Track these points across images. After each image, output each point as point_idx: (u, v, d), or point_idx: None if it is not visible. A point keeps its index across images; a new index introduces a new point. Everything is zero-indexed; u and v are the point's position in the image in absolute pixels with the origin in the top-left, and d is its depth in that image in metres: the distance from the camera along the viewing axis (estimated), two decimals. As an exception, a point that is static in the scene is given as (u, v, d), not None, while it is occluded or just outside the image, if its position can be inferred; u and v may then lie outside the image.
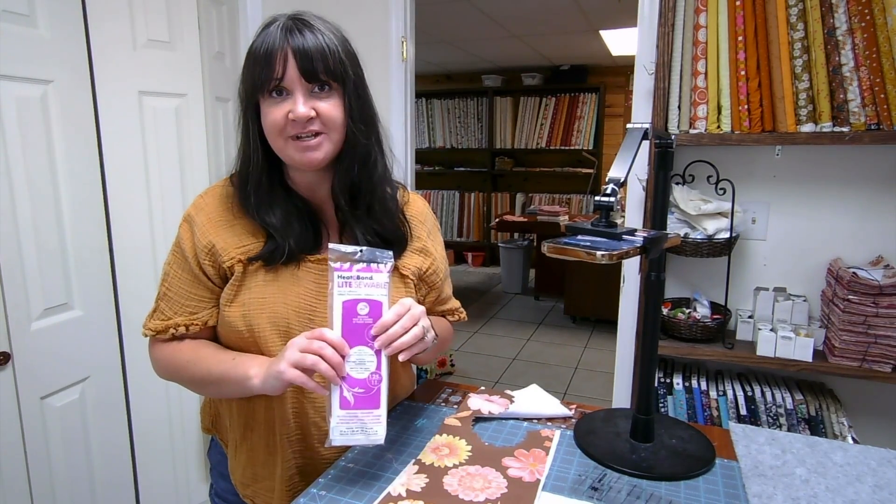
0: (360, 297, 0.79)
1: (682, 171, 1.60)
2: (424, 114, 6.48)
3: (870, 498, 0.80)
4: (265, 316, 0.87)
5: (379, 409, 0.79)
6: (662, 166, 0.91)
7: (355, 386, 0.78)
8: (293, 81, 0.82)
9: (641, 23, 1.69)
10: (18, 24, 1.32)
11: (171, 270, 0.92)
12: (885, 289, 1.39)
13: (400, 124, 2.09)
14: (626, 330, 1.82)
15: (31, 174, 1.37)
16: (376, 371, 0.79)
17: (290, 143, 0.84)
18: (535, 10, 3.82)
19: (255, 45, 0.83)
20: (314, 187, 0.93)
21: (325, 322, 0.90)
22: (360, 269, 0.80)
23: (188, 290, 0.91)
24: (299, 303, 0.89)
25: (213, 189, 0.95)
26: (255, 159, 0.88)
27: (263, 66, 0.81)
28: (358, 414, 0.78)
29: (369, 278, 0.80)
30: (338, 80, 0.84)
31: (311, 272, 0.90)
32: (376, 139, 0.92)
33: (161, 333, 0.91)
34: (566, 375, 3.66)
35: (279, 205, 0.90)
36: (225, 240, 0.89)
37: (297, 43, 0.81)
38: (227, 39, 1.89)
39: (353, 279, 0.79)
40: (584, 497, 0.80)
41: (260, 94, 0.84)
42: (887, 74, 1.37)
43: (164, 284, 0.92)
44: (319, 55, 0.82)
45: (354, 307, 0.79)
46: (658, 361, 1.65)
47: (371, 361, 0.79)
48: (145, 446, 1.72)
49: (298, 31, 0.82)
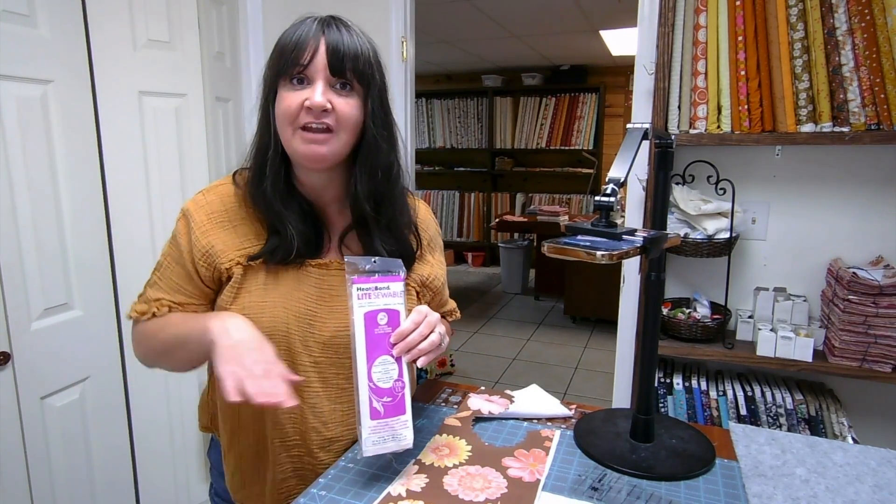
0: (379, 307, 0.81)
1: (682, 171, 1.60)
2: (424, 114, 6.48)
3: (870, 498, 0.80)
4: (265, 320, 0.86)
5: (405, 414, 0.81)
6: (662, 166, 0.91)
7: (383, 396, 0.79)
8: (317, 71, 0.81)
9: (641, 23, 1.69)
10: (18, 24, 1.32)
11: (164, 262, 0.91)
12: (885, 289, 1.39)
13: (400, 124, 2.08)
14: (626, 330, 1.82)
15: (31, 174, 1.37)
16: (399, 378, 0.81)
17: (298, 134, 0.82)
18: (535, 10, 3.82)
19: (287, 33, 0.83)
20: (319, 190, 0.91)
21: (324, 327, 0.90)
22: (377, 279, 0.81)
23: (179, 283, 0.90)
24: (299, 307, 0.88)
25: (216, 187, 0.92)
26: (274, 147, 0.86)
27: (292, 51, 0.81)
28: (389, 422, 0.80)
29: (386, 288, 0.82)
30: (362, 82, 0.84)
31: (312, 276, 0.90)
32: (396, 153, 0.92)
33: (144, 315, 0.90)
34: (566, 375, 3.66)
35: (291, 202, 0.88)
36: (225, 241, 0.87)
37: (332, 37, 0.81)
38: (227, 39, 1.89)
39: (371, 290, 0.81)
40: (584, 497, 0.80)
41: (281, 78, 0.83)
42: (887, 74, 1.37)
43: (155, 273, 0.92)
44: (351, 53, 0.82)
45: (375, 318, 0.80)
46: (658, 361, 1.65)
47: (394, 369, 0.81)
48: (145, 446, 1.72)
49: (336, 27, 0.83)
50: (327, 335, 0.89)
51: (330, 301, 0.90)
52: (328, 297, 0.90)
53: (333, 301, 0.90)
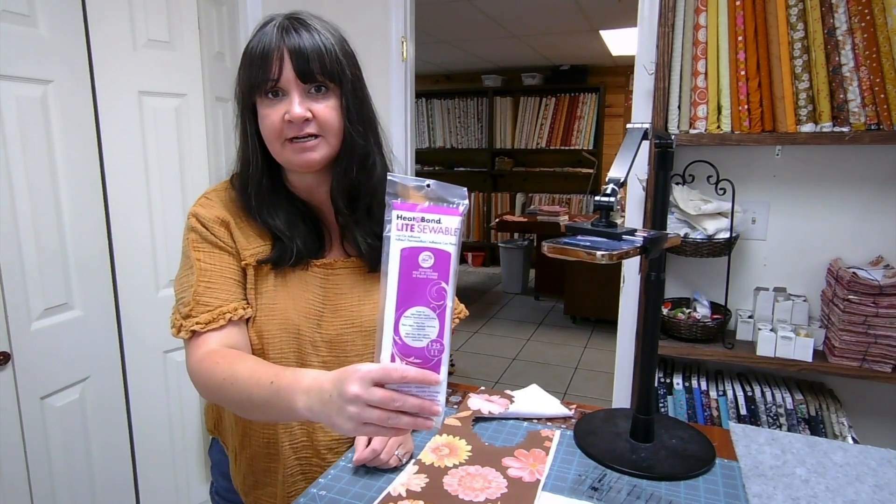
0: (425, 244, 0.63)
1: (682, 171, 1.60)
2: (424, 114, 6.47)
3: (870, 498, 0.80)
4: (276, 322, 0.87)
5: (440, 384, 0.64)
6: (662, 166, 0.91)
7: (410, 355, 0.62)
8: (289, 82, 0.80)
9: (641, 23, 1.69)
10: (18, 23, 1.32)
11: (203, 265, 0.84)
12: (885, 289, 1.39)
13: (400, 124, 2.09)
14: (626, 330, 1.81)
15: (31, 174, 1.37)
16: (438, 339, 0.63)
17: (288, 146, 0.83)
18: (535, 10, 3.82)
19: (251, 45, 0.82)
20: (313, 190, 0.91)
21: (330, 326, 0.90)
22: (427, 209, 0.64)
23: (227, 273, 0.85)
24: (308, 308, 0.88)
25: (216, 192, 0.92)
26: (254, 161, 0.87)
27: (259, 66, 0.80)
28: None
29: (437, 221, 0.63)
30: (335, 80, 0.83)
31: (318, 276, 0.90)
32: (375, 140, 0.91)
33: (212, 323, 0.81)
34: (566, 375, 3.66)
35: (282, 207, 0.88)
36: (238, 240, 0.88)
37: (293, 43, 0.80)
38: (227, 39, 1.89)
39: (415, 221, 0.63)
40: (584, 497, 0.80)
41: (256, 94, 0.83)
42: (887, 74, 1.37)
43: (201, 281, 0.83)
44: (316, 55, 0.80)
45: (416, 257, 0.63)
46: (658, 361, 1.65)
47: (432, 326, 0.62)
48: (145, 446, 1.72)
49: (295, 30, 0.81)
50: (333, 334, 0.89)
51: (335, 300, 0.90)
52: (333, 295, 0.90)
53: (338, 300, 0.90)
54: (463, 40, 4.80)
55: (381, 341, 0.63)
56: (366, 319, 0.91)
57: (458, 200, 0.65)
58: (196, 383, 0.82)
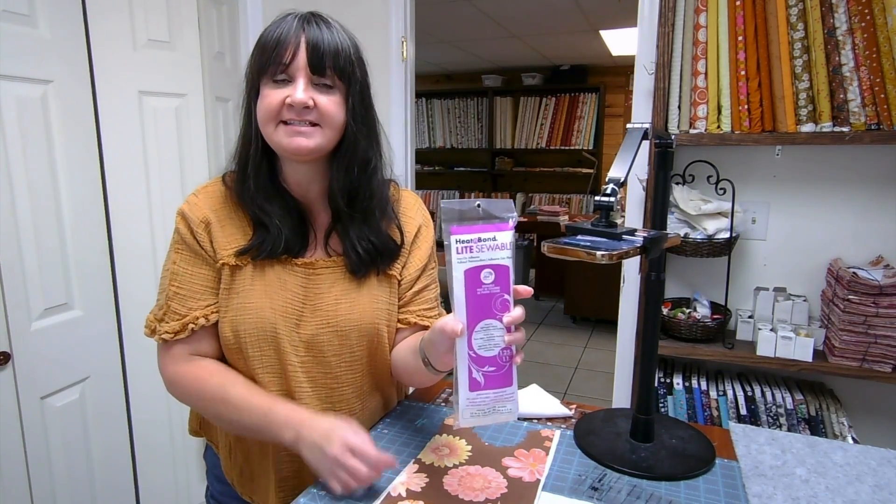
0: (484, 262, 0.69)
1: (682, 171, 1.60)
2: (424, 114, 6.47)
3: (870, 498, 0.80)
4: (251, 321, 0.86)
5: (511, 385, 0.72)
6: (662, 166, 0.91)
7: (485, 365, 0.71)
8: (298, 69, 0.81)
9: (641, 23, 1.69)
10: (18, 23, 1.32)
11: (177, 268, 0.88)
12: (885, 289, 1.39)
13: (400, 124, 2.09)
14: (626, 330, 1.81)
15: (31, 174, 1.37)
16: (507, 346, 0.71)
17: (281, 128, 0.82)
18: (535, 10, 3.82)
19: (268, 31, 0.83)
20: (305, 186, 0.91)
21: (307, 326, 0.89)
22: (480, 228, 0.70)
23: (205, 284, 0.88)
24: (286, 307, 0.88)
25: (205, 188, 0.93)
26: (255, 143, 0.87)
27: (273, 49, 0.81)
28: (490, 394, 0.71)
29: (492, 239, 0.70)
30: (344, 79, 0.83)
31: (298, 276, 0.89)
32: (377, 147, 0.91)
33: (180, 333, 0.87)
34: (566, 375, 3.66)
35: (275, 198, 0.88)
36: (216, 240, 0.88)
37: (312, 34, 0.81)
38: (227, 39, 1.89)
39: (473, 243, 0.69)
40: (584, 497, 0.80)
41: (263, 76, 0.83)
42: (887, 74, 1.37)
43: (172, 285, 0.88)
44: (331, 50, 0.81)
45: (478, 275, 0.69)
46: (658, 361, 1.65)
47: (500, 336, 0.71)
48: (145, 446, 1.72)
49: (316, 24, 0.82)
50: (310, 334, 0.89)
51: (314, 300, 0.89)
52: (313, 296, 0.89)
53: (318, 300, 0.90)
54: (463, 40, 4.80)
55: (457, 355, 0.71)
56: (341, 320, 0.89)
57: (507, 215, 0.71)
58: (173, 388, 0.91)
